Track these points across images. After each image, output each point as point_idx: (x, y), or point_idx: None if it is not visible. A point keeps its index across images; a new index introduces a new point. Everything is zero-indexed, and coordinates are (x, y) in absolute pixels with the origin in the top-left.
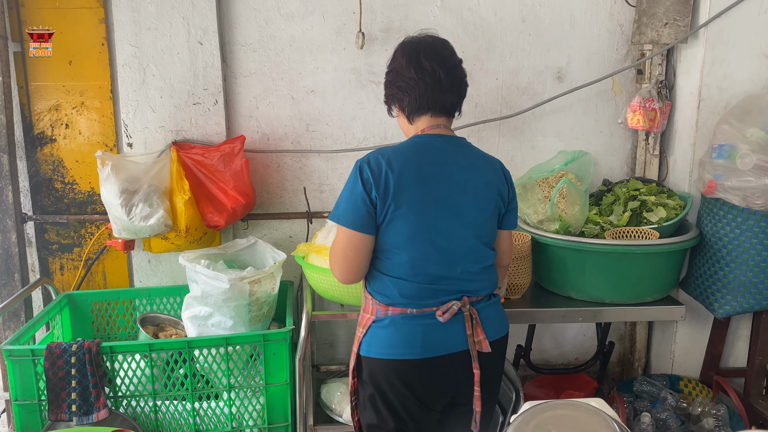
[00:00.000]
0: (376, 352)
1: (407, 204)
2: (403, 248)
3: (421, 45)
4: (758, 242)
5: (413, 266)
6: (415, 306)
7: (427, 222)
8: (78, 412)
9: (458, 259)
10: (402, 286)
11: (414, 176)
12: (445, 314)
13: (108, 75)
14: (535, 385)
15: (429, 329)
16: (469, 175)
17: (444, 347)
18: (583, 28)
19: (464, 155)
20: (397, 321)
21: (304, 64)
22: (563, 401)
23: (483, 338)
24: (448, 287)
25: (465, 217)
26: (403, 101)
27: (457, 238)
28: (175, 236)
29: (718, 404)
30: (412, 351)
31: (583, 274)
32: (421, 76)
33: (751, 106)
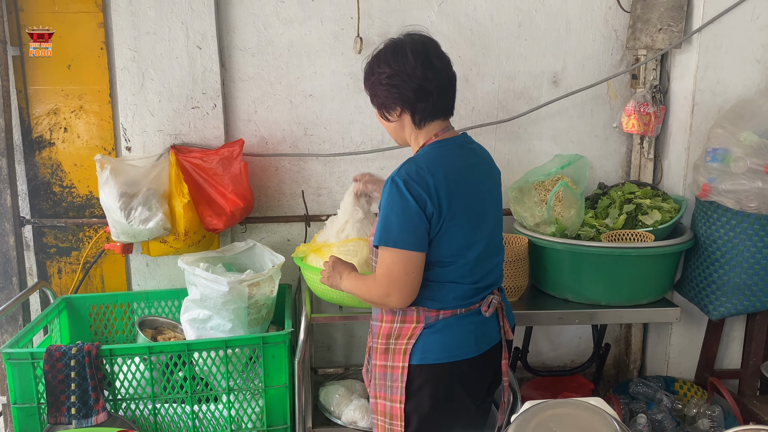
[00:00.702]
0: (434, 358)
1: (460, 212)
2: (460, 254)
3: (427, 45)
4: (752, 244)
5: (470, 269)
6: (463, 305)
7: (476, 225)
8: (77, 415)
9: (493, 254)
10: (455, 289)
11: (456, 182)
12: (489, 309)
13: (107, 79)
14: (532, 387)
15: (478, 326)
16: (487, 172)
17: (490, 341)
18: (578, 34)
19: (476, 153)
20: (450, 323)
21: (303, 68)
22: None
23: (508, 327)
24: (486, 282)
25: (493, 213)
26: (417, 105)
27: (493, 233)
28: (174, 239)
29: (713, 405)
30: (469, 350)
31: (579, 276)
32: (435, 77)
33: (744, 110)
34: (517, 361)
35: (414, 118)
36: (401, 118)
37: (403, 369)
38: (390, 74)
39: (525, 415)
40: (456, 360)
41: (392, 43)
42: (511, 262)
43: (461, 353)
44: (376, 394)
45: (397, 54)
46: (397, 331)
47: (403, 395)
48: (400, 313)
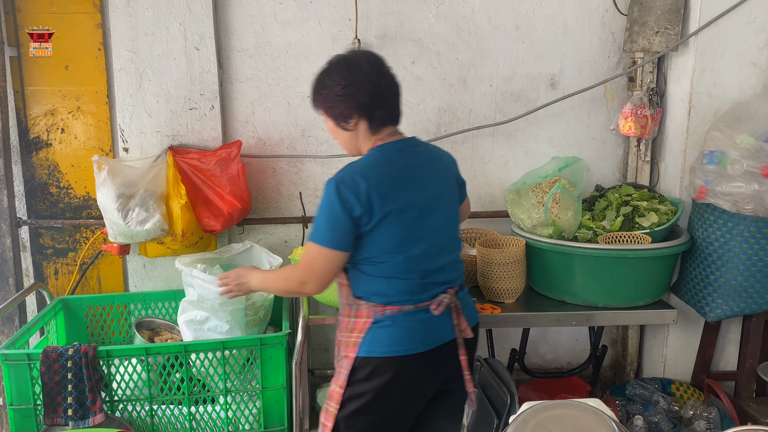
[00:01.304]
0: (380, 351)
1: (393, 212)
2: (395, 252)
3: (377, 56)
4: (748, 247)
5: (406, 266)
6: (411, 302)
7: (417, 223)
8: (74, 416)
9: (442, 251)
10: (398, 285)
11: (391, 184)
12: (438, 307)
13: (104, 80)
14: (529, 389)
15: (426, 323)
16: (433, 171)
17: (439, 338)
18: (575, 36)
19: (426, 153)
20: (397, 319)
21: (300, 70)
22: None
23: (466, 326)
24: (436, 280)
25: (441, 210)
26: (374, 112)
27: (439, 231)
28: (171, 241)
29: (710, 407)
30: (415, 346)
31: (576, 278)
32: (387, 85)
33: (740, 113)
34: (515, 363)
35: (371, 124)
36: (357, 127)
37: (350, 359)
38: (346, 84)
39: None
40: (401, 354)
41: (343, 57)
42: (508, 264)
43: (407, 348)
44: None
45: (350, 65)
46: (352, 325)
47: (345, 381)
48: (354, 308)
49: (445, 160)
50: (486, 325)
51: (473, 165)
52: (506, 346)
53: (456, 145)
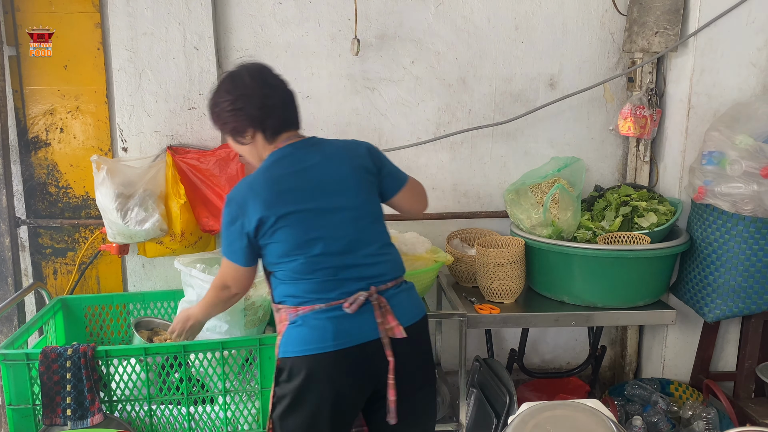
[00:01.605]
0: (292, 351)
1: (283, 217)
2: (294, 254)
3: (261, 67)
4: (747, 247)
5: (308, 266)
6: (323, 301)
7: (308, 224)
8: (73, 416)
9: (352, 247)
10: (305, 286)
11: (279, 191)
12: (352, 305)
13: (103, 79)
14: (528, 389)
15: (339, 321)
16: (331, 166)
17: (357, 337)
18: (575, 37)
19: (320, 150)
20: (307, 318)
21: (300, 70)
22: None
23: (395, 324)
24: (351, 275)
25: (343, 205)
26: (266, 122)
27: (343, 226)
28: (171, 240)
29: (708, 407)
30: (325, 344)
31: (575, 278)
32: (274, 93)
33: (739, 113)
34: (514, 363)
35: (265, 134)
36: (254, 139)
37: (276, 360)
38: (233, 99)
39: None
40: (311, 354)
41: (228, 73)
42: (507, 264)
43: (316, 347)
44: None
45: (234, 80)
46: (278, 329)
47: (274, 382)
48: (278, 312)
49: (353, 152)
50: (485, 326)
51: (472, 165)
52: (505, 346)
53: (455, 145)
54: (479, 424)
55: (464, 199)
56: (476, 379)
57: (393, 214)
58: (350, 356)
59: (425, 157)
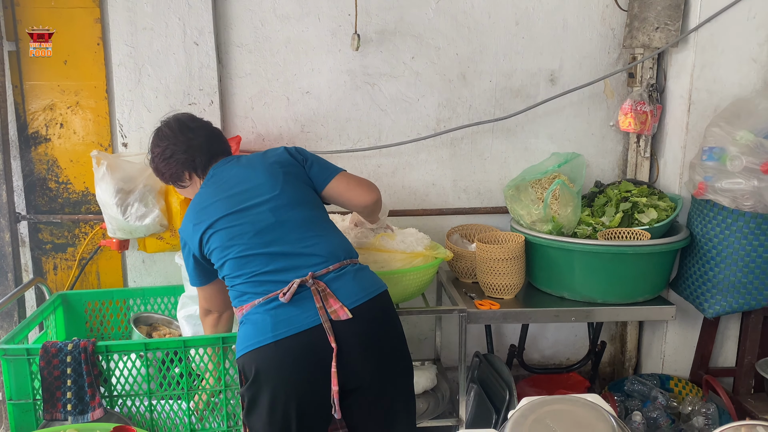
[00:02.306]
0: (240, 350)
1: (209, 227)
2: (222, 257)
3: (178, 116)
4: (747, 243)
5: (237, 264)
6: (260, 295)
7: (228, 226)
8: (73, 411)
9: (275, 235)
10: (240, 283)
11: (198, 210)
12: (286, 294)
13: (103, 75)
14: (528, 385)
15: (276, 312)
16: (245, 170)
17: (296, 326)
18: (575, 32)
19: (236, 163)
20: (249, 315)
21: (300, 65)
22: (561, 396)
23: (338, 307)
24: (284, 265)
25: (259, 200)
26: (195, 161)
27: (261, 218)
28: (171, 236)
29: (708, 403)
30: (264, 337)
31: (575, 274)
32: (196, 135)
33: (740, 109)
34: (513, 359)
35: (197, 172)
36: (192, 179)
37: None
38: (161, 151)
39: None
40: (251, 349)
41: (154, 131)
42: (507, 260)
43: (256, 342)
44: None
45: (159, 134)
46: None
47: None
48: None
49: (267, 155)
50: (485, 321)
51: (472, 161)
52: (505, 341)
53: (455, 140)
54: (479, 419)
55: (464, 194)
56: (476, 375)
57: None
58: (293, 345)
59: (425, 152)
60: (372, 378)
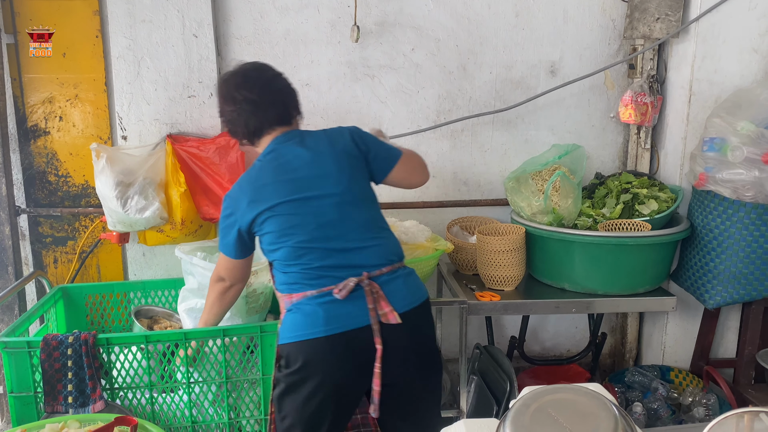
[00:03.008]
0: (287, 338)
1: (268, 209)
2: (278, 243)
3: (229, 79)
4: (748, 233)
5: (293, 253)
6: (313, 287)
7: (290, 213)
8: (74, 403)
9: (339, 234)
10: (294, 273)
11: (263, 186)
12: (342, 291)
13: (102, 67)
14: (528, 377)
15: (329, 307)
16: (314, 154)
17: (347, 323)
18: (576, 23)
19: (300, 142)
20: (300, 305)
21: (299, 57)
22: (562, 386)
23: (389, 310)
24: (340, 262)
25: (326, 190)
26: (239, 133)
27: (326, 214)
28: (171, 229)
29: (708, 394)
30: (316, 330)
31: (576, 265)
32: (239, 106)
33: (741, 99)
34: (514, 350)
35: (244, 140)
36: (244, 142)
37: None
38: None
39: (524, 400)
40: (303, 339)
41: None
42: (508, 252)
43: (308, 333)
44: None
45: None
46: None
47: (275, 367)
48: (279, 300)
49: (334, 140)
50: (485, 313)
51: (473, 153)
52: (506, 333)
53: (455, 132)
54: (480, 410)
55: (464, 187)
56: (477, 367)
57: (391, 202)
58: (341, 342)
59: (425, 145)
60: (407, 378)
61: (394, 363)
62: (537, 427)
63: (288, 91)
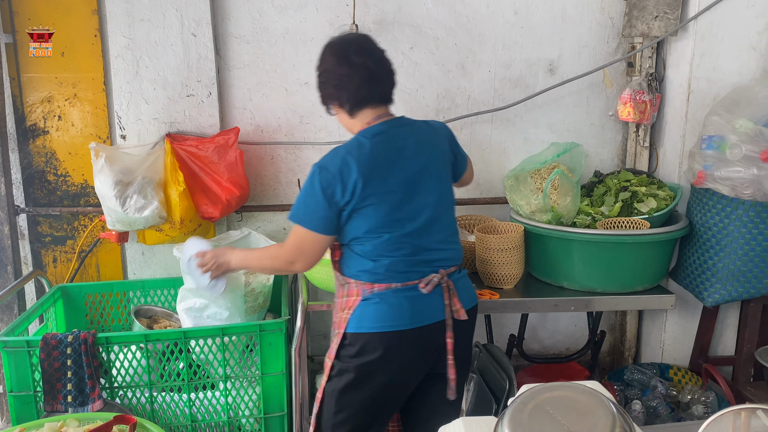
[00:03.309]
0: (368, 327)
1: (375, 194)
2: (379, 231)
3: (347, 42)
4: (746, 231)
5: (392, 245)
6: (399, 280)
7: (404, 203)
8: (74, 402)
9: (431, 230)
10: (385, 263)
11: (374, 166)
12: (427, 286)
13: (101, 67)
14: (528, 375)
15: (414, 301)
16: (421, 149)
17: (428, 317)
18: (574, 21)
19: (412, 132)
20: (385, 296)
21: (298, 56)
22: (561, 383)
23: (460, 307)
24: (424, 258)
25: (429, 189)
26: (342, 98)
27: (426, 209)
28: (170, 228)
29: (707, 391)
30: (402, 322)
31: (574, 263)
32: (354, 71)
33: (740, 97)
34: (513, 349)
35: (344, 109)
36: (339, 111)
37: (339, 334)
38: (319, 74)
39: (522, 398)
40: (388, 330)
41: (323, 46)
42: (507, 250)
43: (393, 324)
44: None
45: (322, 55)
46: (344, 304)
47: (334, 354)
48: (345, 287)
49: (437, 135)
50: (485, 311)
51: (472, 151)
52: (505, 331)
53: (454, 131)
54: (479, 408)
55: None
56: (476, 365)
57: None
58: (423, 335)
59: None
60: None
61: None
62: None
63: (394, 72)
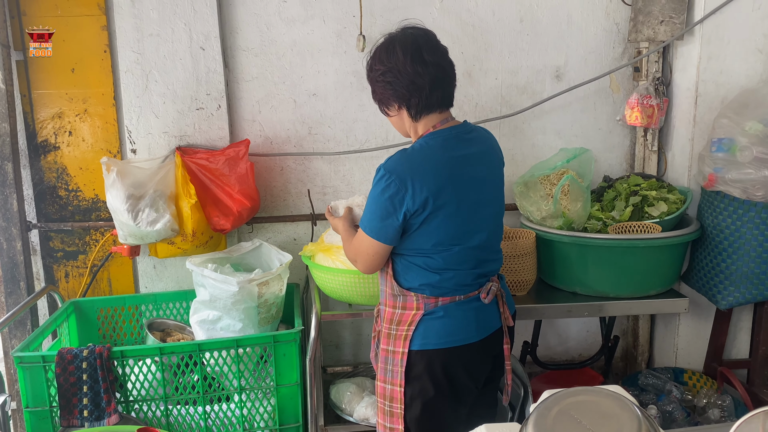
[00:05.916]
0: (435, 344)
1: (445, 205)
2: (449, 244)
3: (418, 40)
4: (759, 233)
5: (461, 257)
6: (462, 292)
7: (473, 213)
8: (89, 417)
9: (489, 242)
10: (454, 277)
11: (445, 174)
12: (488, 296)
13: (111, 82)
14: (542, 381)
15: (478, 312)
16: (486, 159)
17: (490, 326)
18: (580, 28)
19: (475, 140)
20: (449, 309)
21: (306, 67)
22: (583, 388)
23: (509, 314)
24: (484, 270)
25: (490, 201)
26: (411, 100)
27: (488, 222)
28: (182, 241)
29: (723, 395)
30: (470, 335)
31: (587, 269)
32: (427, 71)
33: (748, 99)
34: (527, 356)
35: (410, 112)
36: (400, 112)
37: (403, 354)
38: (383, 71)
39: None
40: (457, 345)
41: (386, 40)
42: (518, 257)
43: (462, 338)
44: (379, 377)
45: (389, 51)
46: (398, 317)
47: (402, 379)
48: (401, 299)
49: (494, 146)
50: None
51: None
52: (518, 338)
53: None
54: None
55: None
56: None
57: None
58: (486, 345)
59: None
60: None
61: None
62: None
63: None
